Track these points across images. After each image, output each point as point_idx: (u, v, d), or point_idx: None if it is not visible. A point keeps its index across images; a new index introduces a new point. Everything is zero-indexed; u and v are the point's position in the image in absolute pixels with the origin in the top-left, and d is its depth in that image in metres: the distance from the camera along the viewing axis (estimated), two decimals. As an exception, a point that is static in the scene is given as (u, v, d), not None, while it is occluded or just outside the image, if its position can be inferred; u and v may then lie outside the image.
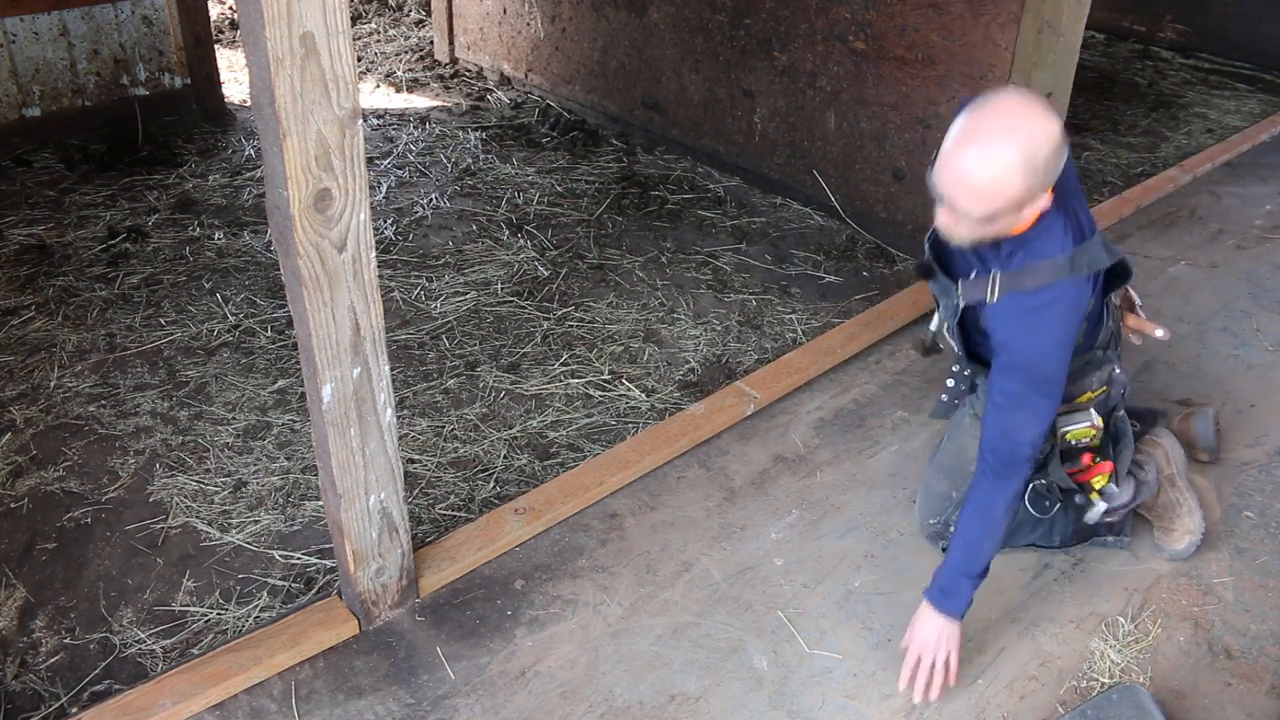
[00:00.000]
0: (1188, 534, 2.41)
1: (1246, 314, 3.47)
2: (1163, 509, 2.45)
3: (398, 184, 4.46)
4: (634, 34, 4.77)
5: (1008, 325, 2.00)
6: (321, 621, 2.19)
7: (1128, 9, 6.63)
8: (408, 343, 3.33)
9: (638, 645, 2.21)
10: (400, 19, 6.74)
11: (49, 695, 2.12)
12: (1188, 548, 2.41)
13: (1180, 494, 2.45)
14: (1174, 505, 2.43)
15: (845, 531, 2.54)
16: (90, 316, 3.40)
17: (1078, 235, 1.99)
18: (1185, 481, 2.46)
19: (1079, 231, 2.00)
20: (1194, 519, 2.43)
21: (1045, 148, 1.81)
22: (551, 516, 2.52)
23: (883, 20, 3.72)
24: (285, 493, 2.66)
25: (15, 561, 2.44)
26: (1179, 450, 2.49)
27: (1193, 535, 2.41)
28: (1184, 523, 2.43)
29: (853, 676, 2.15)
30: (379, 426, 2.00)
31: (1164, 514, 2.45)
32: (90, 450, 2.80)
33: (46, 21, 4.55)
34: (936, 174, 1.91)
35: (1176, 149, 4.96)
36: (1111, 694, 2.02)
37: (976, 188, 1.84)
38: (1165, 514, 2.45)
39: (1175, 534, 2.43)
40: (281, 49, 1.58)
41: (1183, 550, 2.41)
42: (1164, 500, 2.45)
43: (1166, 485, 2.44)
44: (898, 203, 3.93)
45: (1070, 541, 2.42)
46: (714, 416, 2.86)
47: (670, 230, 4.13)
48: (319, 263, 1.77)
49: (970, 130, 1.86)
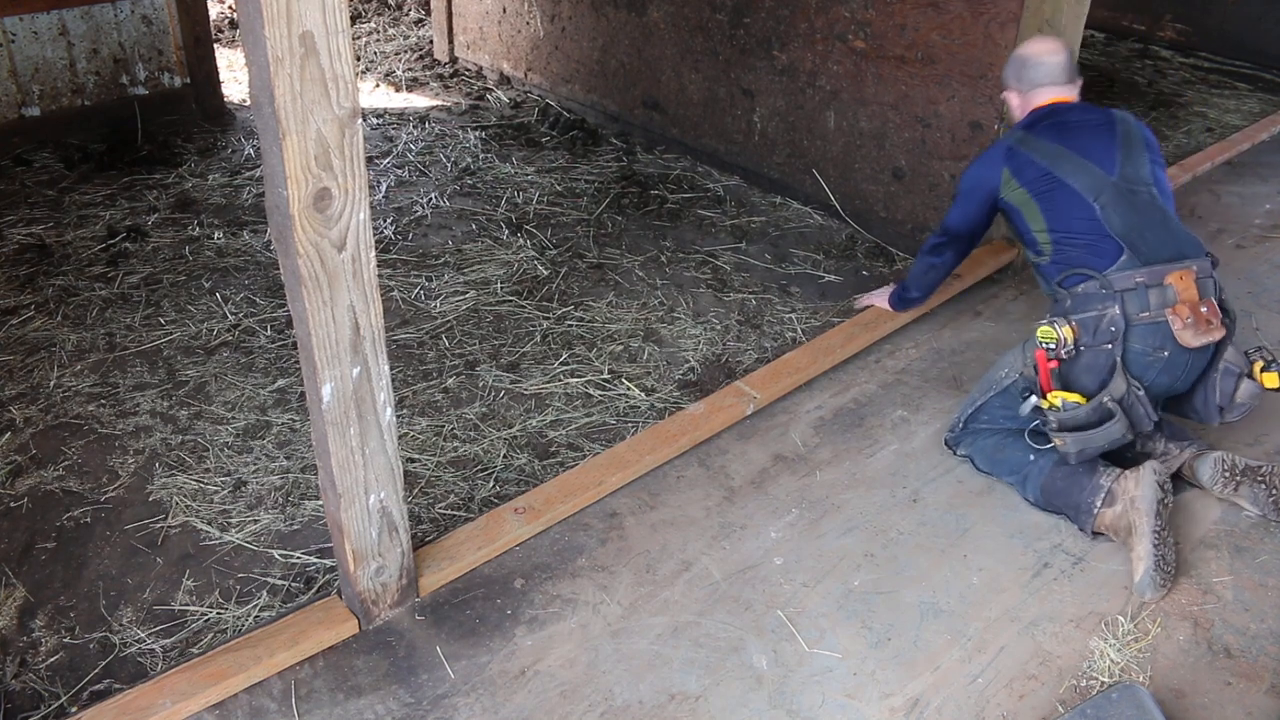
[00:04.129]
0: (1140, 561, 2.35)
1: (1246, 313, 3.46)
2: (1125, 531, 2.43)
3: (397, 183, 4.46)
4: (634, 33, 4.77)
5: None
6: (321, 621, 2.19)
7: (1127, 8, 6.63)
8: (407, 342, 3.33)
9: (637, 644, 2.21)
10: (400, 18, 6.73)
11: (49, 695, 2.11)
12: (1143, 579, 2.33)
13: (1140, 519, 2.38)
14: (1131, 528, 2.41)
15: (845, 531, 2.54)
16: (90, 316, 3.40)
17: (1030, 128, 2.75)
18: (1151, 510, 2.37)
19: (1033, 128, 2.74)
20: (1144, 544, 2.35)
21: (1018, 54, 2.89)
22: (551, 516, 2.52)
23: (882, 19, 3.72)
24: (285, 492, 2.66)
25: (15, 561, 2.44)
26: (1151, 482, 2.40)
27: (1144, 563, 2.34)
28: (1137, 549, 2.37)
29: (852, 676, 2.15)
30: (378, 426, 2.00)
31: (1126, 537, 2.43)
32: (90, 450, 2.80)
33: (46, 21, 4.55)
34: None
35: (1176, 148, 4.96)
36: (1111, 693, 2.02)
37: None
38: (1127, 537, 2.43)
39: (1133, 561, 2.38)
40: (281, 48, 1.58)
41: (1139, 582, 2.34)
42: (1124, 523, 2.43)
43: (1129, 507, 2.41)
44: (897, 202, 3.93)
45: (1041, 505, 2.61)
46: (713, 416, 2.86)
47: (670, 229, 4.13)
48: (318, 262, 1.77)
49: None
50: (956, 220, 2.93)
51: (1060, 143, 2.65)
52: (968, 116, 3.57)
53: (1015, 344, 3.07)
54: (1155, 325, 2.44)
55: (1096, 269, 2.51)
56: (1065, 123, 2.71)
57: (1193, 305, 2.44)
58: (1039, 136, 2.69)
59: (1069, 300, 2.54)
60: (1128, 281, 2.46)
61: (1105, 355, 2.47)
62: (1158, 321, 2.44)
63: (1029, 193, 2.67)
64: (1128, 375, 2.46)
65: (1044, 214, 2.64)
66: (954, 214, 2.93)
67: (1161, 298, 2.44)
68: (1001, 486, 2.68)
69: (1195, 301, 2.45)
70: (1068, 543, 2.51)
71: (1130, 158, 2.63)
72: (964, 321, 3.46)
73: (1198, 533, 2.54)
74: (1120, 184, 2.57)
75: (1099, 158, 2.62)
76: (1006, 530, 2.55)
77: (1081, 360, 2.49)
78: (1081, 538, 2.52)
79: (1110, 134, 2.68)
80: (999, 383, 2.68)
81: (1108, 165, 2.61)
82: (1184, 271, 2.46)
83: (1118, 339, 2.45)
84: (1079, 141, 2.65)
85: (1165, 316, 2.44)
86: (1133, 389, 2.46)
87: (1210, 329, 2.45)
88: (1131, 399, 2.46)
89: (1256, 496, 2.58)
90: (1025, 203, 2.68)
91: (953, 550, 2.48)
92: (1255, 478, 2.59)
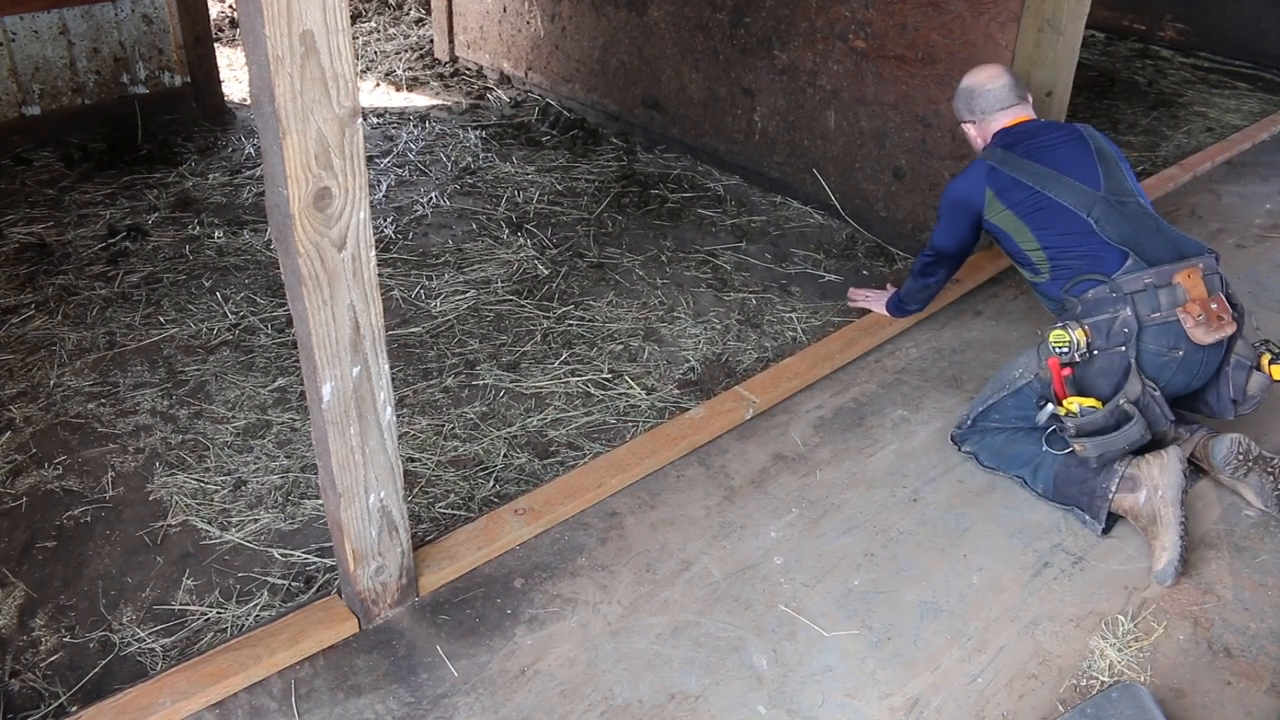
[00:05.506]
0: (1164, 551, 2.37)
1: (1247, 313, 3.46)
2: (1148, 519, 2.44)
3: (397, 182, 4.46)
4: (634, 32, 4.77)
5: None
6: (321, 620, 2.19)
7: (1128, 8, 6.63)
8: (407, 341, 3.32)
9: (637, 644, 2.21)
10: (400, 17, 6.73)
11: (49, 694, 2.11)
12: (1165, 568, 2.36)
13: (1165, 509, 2.40)
14: (1155, 517, 2.42)
15: (845, 530, 2.54)
16: (90, 315, 3.40)
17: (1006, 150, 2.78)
18: (1176, 499, 2.40)
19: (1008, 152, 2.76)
20: (1170, 535, 2.38)
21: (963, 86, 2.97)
22: (551, 518, 2.52)
23: (883, 19, 3.72)
24: (285, 491, 2.66)
25: (15, 560, 2.44)
26: (1177, 470, 2.42)
27: (1169, 554, 2.36)
28: (1162, 539, 2.39)
29: (853, 675, 2.15)
30: (378, 425, 2.00)
31: (1149, 525, 2.44)
32: (90, 449, 2.80)
33: (46, 20, 4.55)
34: None
35: (1176, 148, 4.96)
36: (1111, 693, 2.02)
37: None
38: (1149, 526, 2.44)
39: (1155, 550, 2.40)
40: (281, 47, 1.57)
41: (1161, 571, 2.36)
42: (1148, 511, 2.44)
43: (1153, 494, 2.42)
44: (897, 201, 3.92)
45: (1051, 496, 2.60)
46: (713, 420, 2.86)
47: (670, 229, 4.12)
48: (319, 261, 1.76)
49: None
50: (943, 240, 2.94)
51: (1042, 163, 2.67)
52: (968, 116, 3.57)
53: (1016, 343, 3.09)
54: (1167, 325, 2.45)
55: (1104, 273, 2.51)
56: (1040, 145, 2.73)
57: (1203, 302, 2.45)
58: (1022, 157, 2.70)
59: (1079, 306, 2.54)
60: (1137, 283, 2.46)
61: (1120, 358, 2.47)
62: (1169, 321, 2.45)
63: (1016, 214, 2.68)
64: (1143, 376, 2.46)
65: (1036, 233, 2.65)
66: (940, 233, 2.94)
67: (1171, 297, 2.45)
68: (1002, 486, 2.68)
69: (1205, 298, 2.46)
70: (1068, 542, 2.51)
71: (1110, 172, 2.67)
72: (964, 321, 3.46)
73: (1198, 532, 2.54)
74: (1109, 197, 2.60)
75: (1082, 174, 2.65)
76: (1006, 530, 2.55)
77: (1096, 364, 2.49)
78: (1081, 537, 2.52)
79: (1085, 149, 2.71)
80: (1012, 383, 2.67)
81: (1092, 181, 2.63)
82: (1190, 270, 2.47)
83: (1131, 340, 2.45)
84: (1059, 160, 2.67)
85: (1177, 315, 2.44)
86: (1148, 389, 2.46)
87: (1222, 324, 2.46)
88: (1147, 399, 2.47)
89: (1262, 487, 2.59)
90: (1014, 225, 2.69)
91: (953, 550, 2.48)
92: (1266, 468, 2.60)
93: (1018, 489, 2.66)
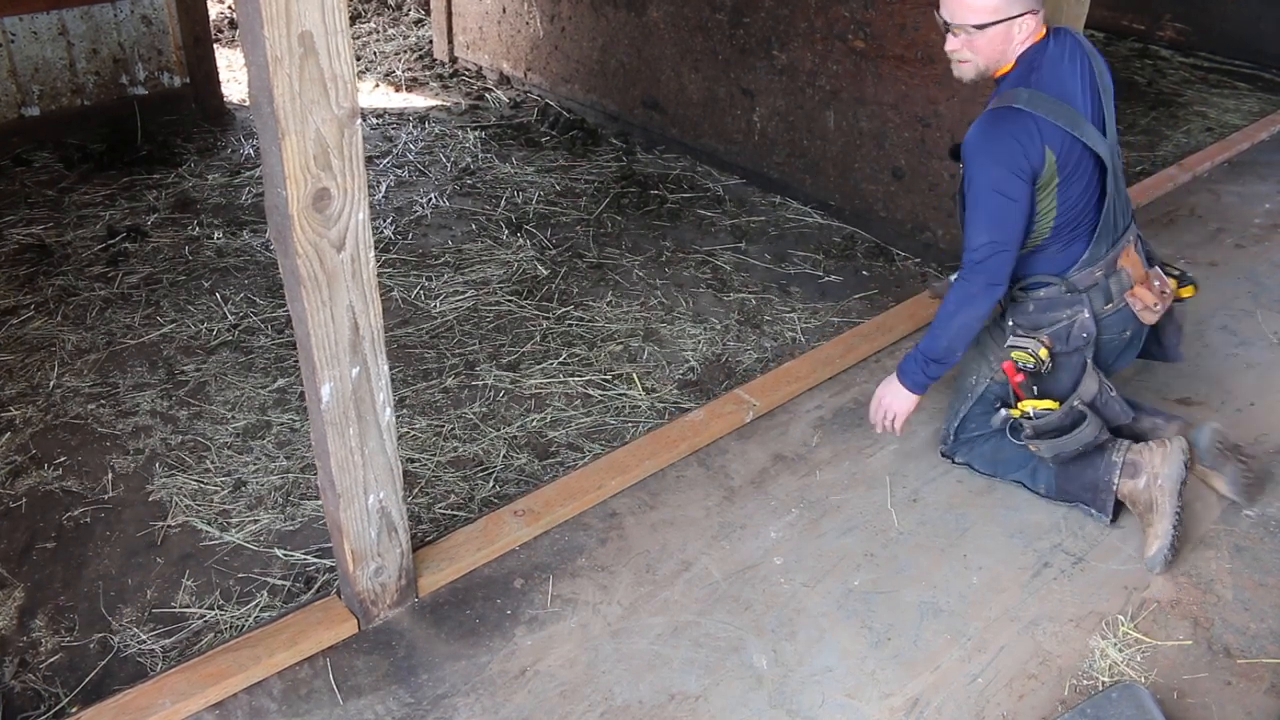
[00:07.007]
0: (1156, 539, 2.38)
1: (1246, 313, 3.46)
2: (1144, 506, 2.45)
3: (397, 183, 4.46)
4: (633, 33, 4.77)
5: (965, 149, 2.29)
6: (321, 621, 2.19)
7: (1127, 7, 6.63)
8: (407, 342, 3.32)
9: (637, 644, 2.21)
10: (399, 18, 6.73)
11: (49, 695, 2.11)
12: (1155, 555, 2.36)
13: (1163, 498, 2.40)
14: (1152, 504, 2.42)
15: (845, 530, 2.54)
16: (90, 316, 3.40)
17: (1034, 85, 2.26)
18: (1174, 490, 2.40)
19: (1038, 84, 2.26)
20: (1164, 523, 2.38)
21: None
22: (551, 519, 2.52)
23: (882, 19, 3.71)
24: (284, 492, 2.66)
25: (15, 561, 2.44)
26: (1179, 461, 2.42)
27: (1160, 541, 2.37)
28: (1156, 527, 2.40)
29: (852, 675, 2.14)
30: (378, 426, 2.00)
31: (1145, 512, 2.45)
32: (90, 449, 2.80)
33: (45, 21, 4.55)
34: (940, 3, 2.28)
35: (1176, 147, 4.96)
36: (1111, 693, 2.02)
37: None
38: (1146, 513, 2.45)
39: (1149, 537, 2.41)
40: (280, 48, 1.57)
41: (1151, 558, 2.37)
42: (1146, 497, 2.44)
43: (1152, 482, 2.43)
44: (897, 201, 3.92)
45: (1054, 495, 2.58)
46: (713, 423, 2.86)
47: (669, 229, 4.12)
48: (318, 262, 1.76)
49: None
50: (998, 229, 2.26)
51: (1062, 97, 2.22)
52: (968, 116, 3.56)
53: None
54: (1119, 312, 2.48)
55: (1059, 270, 2.44)
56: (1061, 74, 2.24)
57: (1145, 282, 2.47)
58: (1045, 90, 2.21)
59: (1031, 305, 2.50)
60: (1089, 279, 2.44)
61: (1078, 358, 2.49)
62: (1120, 308, 2.48)
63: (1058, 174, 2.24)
64: (1099, 374, 2.48)
65: (1060, 199, 2.28)
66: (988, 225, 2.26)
67: (1119, 283, 2.46)
68: (1002, 486, 2.68)
69: (1145, 276, 2.48)
70: (1068, 542, 2.51)
71: (1110, 111, 2.35)
72: (964, 321, 3.45)
73: (1198, 532, 2.54)
74: (1114, 148, 2.33)
75: (1091, 114, 2.29)
76: (1006, 530, 2.55)
77: (1055, 367, 2.50)
78: (1081, 537, 2.52)
79: (1087, 79, 2.30)
80: (972, 390, 2.64)
81: (1099, 123, 2.30)
82: (1128, 249, 2.47)
83: (1090, 343, 2.46)
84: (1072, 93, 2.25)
85: (1126, 300, 2.47)
86: (1105, 388, 2.47)
87: (1165, 298, 2.49)
88: (1105, 397, 2.48)
89: (1235, 477, 2.60)
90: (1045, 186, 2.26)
91: (952, 550, 2.48)
92: (1239, 456, 2.64)
93: (1017, 489, 2.66)
